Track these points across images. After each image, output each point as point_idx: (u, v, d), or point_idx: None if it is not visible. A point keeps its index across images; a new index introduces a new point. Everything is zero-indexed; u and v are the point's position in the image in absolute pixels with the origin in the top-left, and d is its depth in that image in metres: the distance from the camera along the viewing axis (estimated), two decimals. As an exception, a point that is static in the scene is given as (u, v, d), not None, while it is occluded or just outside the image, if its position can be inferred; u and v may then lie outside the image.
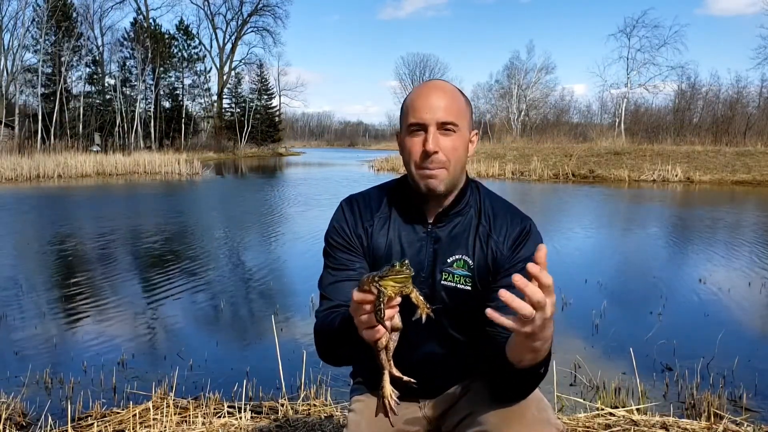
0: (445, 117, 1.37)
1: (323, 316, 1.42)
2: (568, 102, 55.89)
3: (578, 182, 23.03)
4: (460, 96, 1.43)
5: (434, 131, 1.37)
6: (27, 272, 7.11)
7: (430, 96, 1.39)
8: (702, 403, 3.31)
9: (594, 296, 6.00)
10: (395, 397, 1.24)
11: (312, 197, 16.71)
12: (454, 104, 1.39)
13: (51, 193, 18.31)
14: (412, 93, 1.43)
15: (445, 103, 1.38)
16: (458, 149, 1.40)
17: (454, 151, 1.39)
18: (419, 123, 1.39)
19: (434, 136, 1.37)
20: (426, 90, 1.41)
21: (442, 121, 1.37)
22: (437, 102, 1.38)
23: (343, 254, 1.47)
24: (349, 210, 1.51)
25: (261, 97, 57.75)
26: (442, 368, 1.49)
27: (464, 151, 1.42)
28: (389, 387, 1.24)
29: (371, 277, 1.12)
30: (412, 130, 1.40)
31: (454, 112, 1.39)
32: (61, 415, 3.05)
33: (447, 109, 1.38)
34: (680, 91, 40.61)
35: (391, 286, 1.10)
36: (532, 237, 1.43)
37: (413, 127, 1.40)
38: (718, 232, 10.51)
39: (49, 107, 36.73)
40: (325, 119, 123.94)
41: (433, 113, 1.37)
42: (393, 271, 1.10)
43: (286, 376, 3.40)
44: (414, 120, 1.39)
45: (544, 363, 1.23)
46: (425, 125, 1.38)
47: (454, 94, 1.42)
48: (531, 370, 1.22)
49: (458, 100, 1.41)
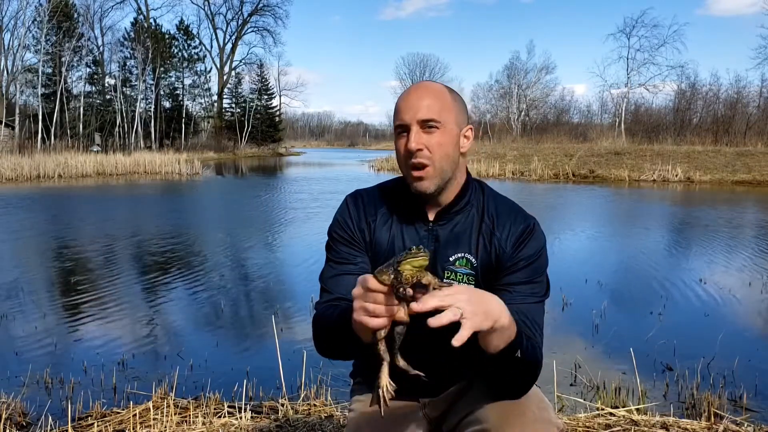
0: (426, 115, 1.39)
1: (322, 309, 1.42)
2: (568, 102, 55.93)
3: (578, 182, 23.03)
4: (446, 93, 1.44)
5: (416, 130, 1.39)
6: (27, 272, 7.11)
7: (410, 97, 1.41)
8: (702, 403, 3.31)
9: (594, 296, 6.00)
10: (392, 390, 1.24)
11: (312, 197, 16.71)
12: (436, 102, 1.40)
13: (51, 193, 18.31)
14: (399, 96, 1.46)
15: (427, 102, 1.39)
16: (443, 145, 1.40)
17: (439, 147, 1.39)
18: (402, 124, 1.41)
19: (416, 135, 1.38)
20: (409, 91, 1.44)
21: (423, 119, 1.39)
22: (417, 101, 1.40)
23: (345, 248, 1.47)
24: (353, 205, 1.52)
25: (261, 97, 57.75)
26: (444, 367, 1.49)
27: (452, 147, 1.42)
28: (386, 379, 1.23)
29: (385, 266, 1.14)
30: (398, 132, 1.43)
31: (435, 110, 1.39)
32: (61, 415, 3.06)
33: (428, 107, 1.39)
34: (680, 91, 40.65)
35: (408, 269, 1.11)
36: (535, 235, 1.43)
37: (398, 129, 1.42)
38: (719, 232, 10.50)
39: (49, 107, 36.73)
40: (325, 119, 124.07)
41: (413, 112, 1.39)
42: (410, 255, 1.11)
43: (286, 376, 3.40)
44: (398, 122, 1.42)
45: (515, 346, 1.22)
46: (407, 125, 1.40)
47: (437, 91, 1.43)
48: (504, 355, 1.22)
49: (442, 98, 1.42)
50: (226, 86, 57.13)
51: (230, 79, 57.55)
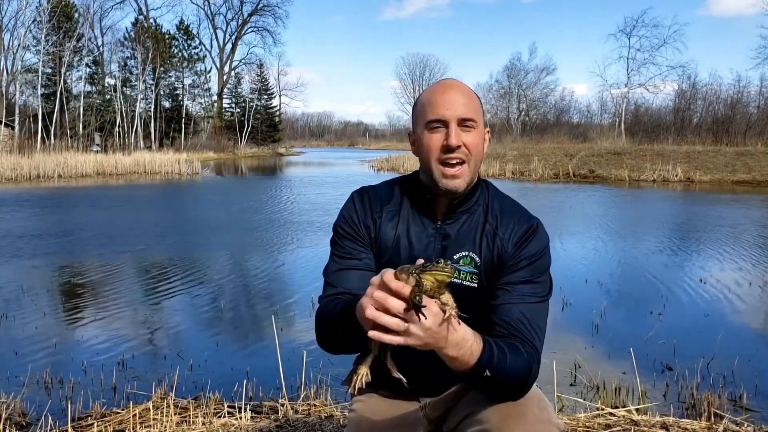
0: (466, 113, 1.40)
1: (325, 303, 1.43)
2: (568, 102, 55.95)
3: (578, 182, 23.03)
4: (475, 95, 1.47)
5: (455, 126, 1.39)
6: (27, 272, 7.10)
7: (448, 92, 1.41)
8: (702, 403, 3.31)
9: (594, 296, 6.00)
10: (364, 381, 1.24)
11: (312, 196, 16.70)
12: (472, 101, 1.42)
13: (51, 193, 18.30)
14: (429, 90, 1.45)
15: (464, 100, 1.41)
16: (479, 145, 1.43)
17: (475, 147, 1.41)
18: (440, 119, 1.40)
19: (456, 132, 1.39)
20: (444, 87, 1.44)
21: (463, 117, 1.39)
22: (457, 98, 1.40)
23: (349, 243, 1.48)
24: (359, 201, 1.52)
25: (261, 97, 57.77)
26: (445, 367, 1.49)
27: (483, 148, 1.46)
28: (366, 369, 1.24)
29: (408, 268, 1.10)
30: (432, 127, 1.41)
31: (473, 109, 1.41)
32: (61, 415, 3.06)
33: (467, 105, 1.40)
34: (680, 91, 40.63)
35: (431, 281, 1.08)
36: (537, 236, 1.44)
37: (433, 123, 1.41)
38: (719, 232, 10.50)
39: (49, 107, 36.71)
40: (325, 119, 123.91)
41: (454, 109, 1.39)
42: (437, 267, 1.08)
43: (286, 376, 3.40)
44: (434, 116, 1.40)
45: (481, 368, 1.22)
46: (446, 121, 1.39)
47: (470, 92, 1.45)
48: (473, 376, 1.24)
49: (474, 99, 1.45)
50: (226, 86, 57.18)
51: (230, 79, 57.63)
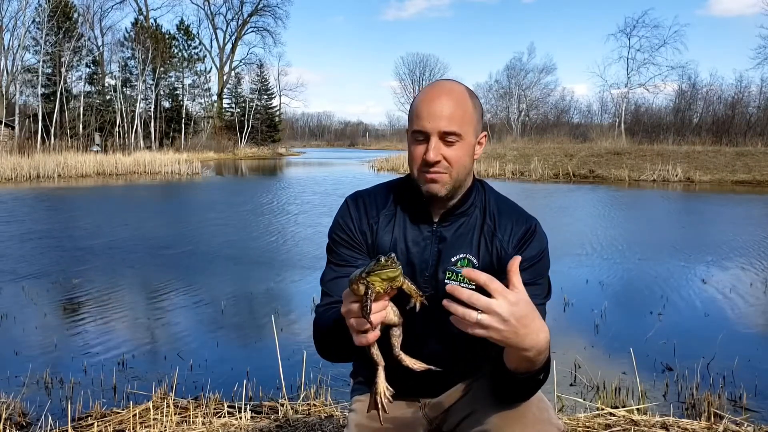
0: (447, 126, 1.34)
1: (321, 312, 1.42)
2: (568, 102, 56.02)
3: (578, 182, 23.02)
4: (467, 99, 1.39)
5: (436, 141, 1.35)
6: (27, 272, 7.10)
7: (435, 102, 1.36)
8: (702, 403, 3.31)
9: (594, 296, 6.00)
10: (389, 395, 1.23)
11: (311, 196, 16.70)
12: (458, 111, 1.36)
13: (51, 193, 18.30)
14: (420, 95, 1.40)
15: (449, 111, 1.34)
16: (461, 157, 1.38)
17: (457, 160, 1.37)
18: (421, 131, 1.37)
19: (435, 146, 1.35)
20: (432, 95, 1.38)
21: (444, 131, 1.34)
22: (440, 110, 1.34)
23: (345, 250, 1.46)
24: (354, 206, 1.49)
25: (261, 97, 57.74)
26: (445, 367, 1.49)
27: (468, 158, 1.40)
28: (383, 384, 1.23)
29: (359, 274, 1.09)
30: (415, 137, 1.39)
31: (457, 121, 1.35)
32: (61, 415, 3.06)
33: (450, 117, 1.34)
34: (680, 91, 40.62)
35: (378, 282, 1.07)
36: (537, 237, 1.42)
37: (416, 134, 1.38)
38: (719, 232, 10.50)
39: (49, 107, 36.71)
40: (325, 119, 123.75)
41: (435, 122, 1.34)
42: (379, 266, 1.06)
43: (286, 376, 3.40)
44: (416, 127, 1.37)
45: (542, 370, 1.23)
46: (427, 134, 1.36)
47: (460, 98, 1.38)
48: (529, 377, 1.23)
49: (464, 106, 1.37)
50: (226, 86, 57.15)
51: (230, 79, 57.59)
